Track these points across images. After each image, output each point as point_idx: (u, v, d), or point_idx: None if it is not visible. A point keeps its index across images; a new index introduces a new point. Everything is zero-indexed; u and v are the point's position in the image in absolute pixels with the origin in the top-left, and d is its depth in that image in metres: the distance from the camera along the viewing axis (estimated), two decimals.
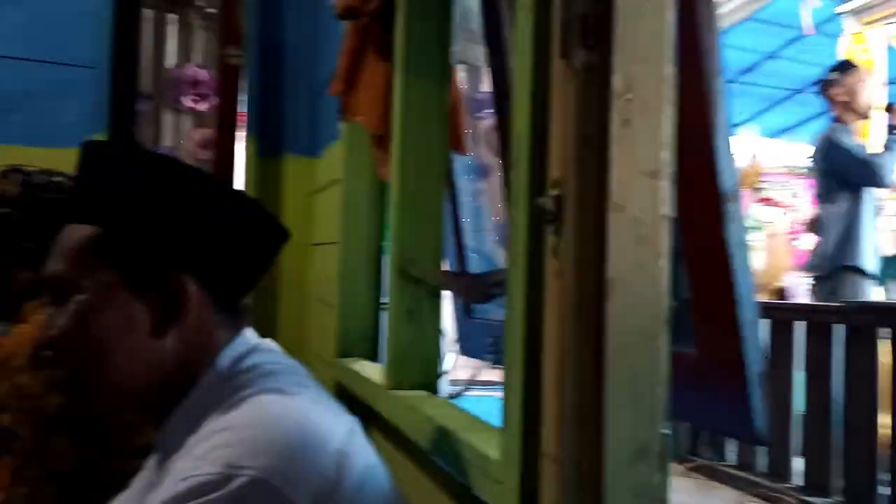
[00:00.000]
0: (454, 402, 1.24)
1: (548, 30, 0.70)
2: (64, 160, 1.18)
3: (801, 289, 4.39)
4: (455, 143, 1.31)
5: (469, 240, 2.12)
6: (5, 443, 1.02)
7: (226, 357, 0.75)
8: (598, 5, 0.64)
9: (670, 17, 0.66)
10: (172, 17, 4.10)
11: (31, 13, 2.21)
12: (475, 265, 2.04)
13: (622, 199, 0.65)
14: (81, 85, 2.25)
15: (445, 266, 1.66)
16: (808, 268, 3.71)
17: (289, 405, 0.71)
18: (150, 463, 0.83)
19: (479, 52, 1.63)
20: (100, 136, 2.24)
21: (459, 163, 2.13)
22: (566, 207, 0.66)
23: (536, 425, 0.71)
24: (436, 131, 1.27)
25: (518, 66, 0.76)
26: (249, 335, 0.79)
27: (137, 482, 0.85)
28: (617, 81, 0.64)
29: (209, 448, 0.66)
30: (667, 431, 0.66)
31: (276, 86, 2.40)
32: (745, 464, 2.91)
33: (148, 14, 3.89)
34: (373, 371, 1.45)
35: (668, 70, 0.65)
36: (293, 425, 0.68)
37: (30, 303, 1.11)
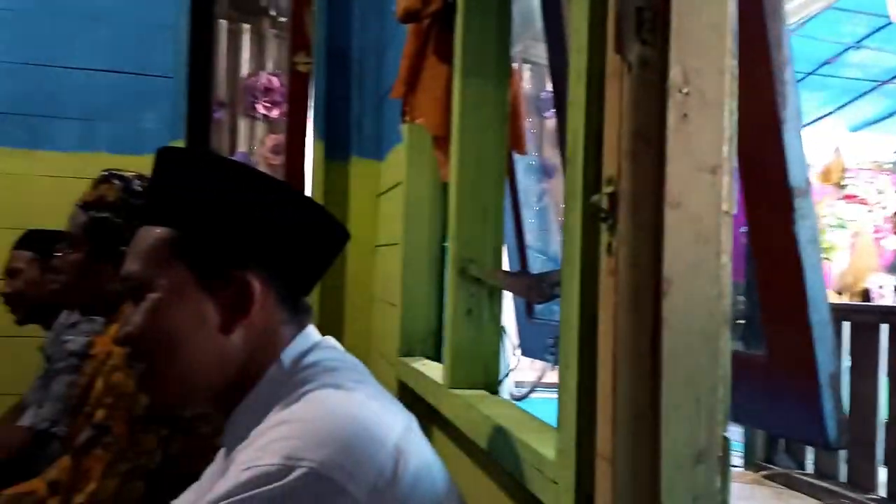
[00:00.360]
0: (519, 403, 1.24)
1: (603, 25, 0.69)
2: (145, 167, 1.24)
3: (886, 290, 4.15)
4: (515, 143, 1.31)
5: (534, 240, 2.11)
6: (99, 437, 1.07)
7: (289, 353, 0.78)
8: None
9: (732, 7, 0.64)
10: (246, 27, 4.25)
11: (115, 28, 2.34)
12: (540, 265, 2.03)
13: (679, 195, 0.63)
14: (161, 95, 2.36)
15: (506, 266, 1.66)
16: (894, 268, 3.51)
17: (348, 401, 0.72)
18: (220, 454, 0.86)
19: (543, 51, 1.62)
20: (178, 143, 2.35)
21: (524, 163, 2.11)
22: (620, 205, 0.65)
23: (592, 426, 0.70)
24: (495, 132, 1.27)
25: (573, 63, 0.75)
26: (312, 333, 0.81)
27: (208, 472, 0.88)
28: (674, 75, 0.63)
29: (270, 440, 0.68)
30: (728, 435, 0.64)
31: (343, 91, 2.46)
32: (825, 472, 2.78)
33: (223, 25, 4.04)
34: (434, 370, 1.46)
35: (729, 62, 0.63)
36: (351, 420, 0.70)
37: (126, 304, 1.16)
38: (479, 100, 1.27)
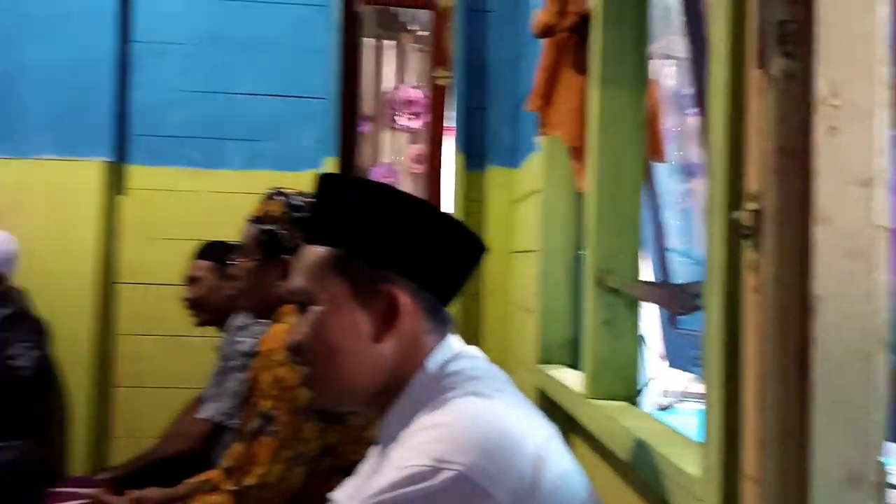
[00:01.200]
0: (664, 414, 1.22)
1: (743, 38, 0.68)
2: (304, 182, 1.36)
3: None
4: (653, 151, 1.30)
5: (678, 244, 2.04)
6: (265, 425, 1.19)
7: (434, 361, 0.83)
8: (796, 10, 0.61)
9: (882, 13, 0.61)
10: (389, 44, 4.46)
11: (274, 55, 2.56)
12: (685, 269, 1.96)
13: (829, 210, 0.61)
14: (316, 115, 2.55)
15: (647, 274, 1.63)
16: None
17: (490, 408, 0.76)
18: (373, 452, 0.93)
19: (684, 45, 1.58)
20: (330, 160, 2.52)
21: (665, 164, 2.06)
22: (765, 221, 0.64)
23: (738, 444, 0.69)
24: (632, 140, 1.26)
25: (713, 77, 0.75)
26: (454, 342, 0.86)
27: (363, 468, 0.96)
28: (821, 87, 0.61)
29: (421, 442, 0.73)
30: (885, 459, 0.61)
31: (480, 102, 2.53)
32: None
33: (369, 42, 4.27)
34: (573, 379, 1.47)
35: (881, 71, 0.61)
36: (494, 427, 0.73)
37: (284, 306, 1.29)
38: (616, 110, 1.27)
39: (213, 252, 2.00)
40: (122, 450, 2.37)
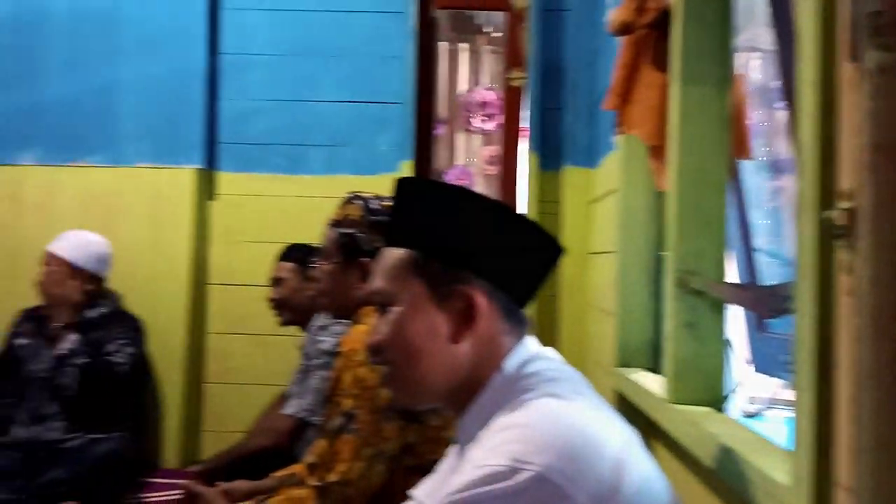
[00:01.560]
0: (752, 420, 1.18)
1: (833, 32, 0.65)
2: (381, 185, 1.39)
3: None
4: (738, 148, 1.26)
5: (766, 243, 1.97)
6: (347, 423, 1.22)
7: (511, 362, 0.84)
8: (888, 1, 0.58)
9: None
10: (463, 46, 4.49)
11: (353, 63, 2.63)
12: (774, 270, 1.89)
13: None
14: (393, 120, 2.60)
15: (733, 276, 1.58)
16: None
17: (569, 410, 0.76)
18: (452, 451, 0.94)
19: (771, 36, 1.53)
20: (407, 164, 2.56)
21: (752, 161, 1.99)
22: (859, 220, 0.61)
23: (830, 452, 0.67)
24: (716, 139, 1.23)
25: (803, 73, 0.72)
26: (531, 343, 0.87)
27: (442, 467, 0.98)
28: None
29: (499, 442, 0.74)
30: None
31: (555, 102, 2.51)
32: None
33: (443, 46, 4.31)
34: (653, 383, 1.44)
35: None
36: (573, 429, 0.73)
37: (364, 308, 1.32)
38: (698, 106, 1.24)
39: (296, 254, 2.07)
40: (211, 443, 2.48)
